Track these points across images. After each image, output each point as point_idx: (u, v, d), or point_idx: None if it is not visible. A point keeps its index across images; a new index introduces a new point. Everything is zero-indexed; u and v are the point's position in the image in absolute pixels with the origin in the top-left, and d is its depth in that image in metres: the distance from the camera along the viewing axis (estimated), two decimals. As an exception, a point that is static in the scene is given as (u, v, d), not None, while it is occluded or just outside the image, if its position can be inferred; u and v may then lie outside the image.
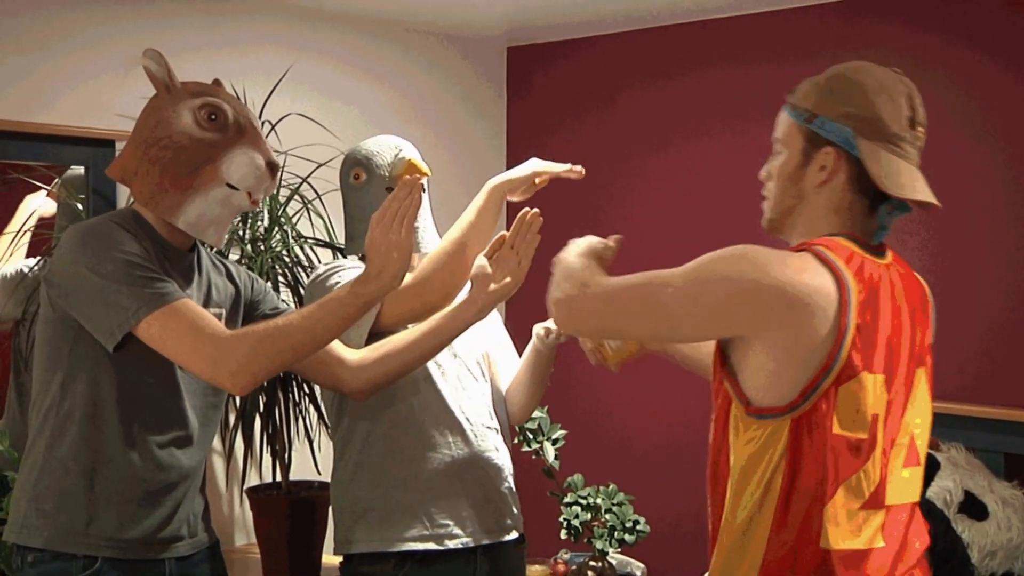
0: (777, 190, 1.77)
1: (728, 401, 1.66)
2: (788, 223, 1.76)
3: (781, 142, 1.77)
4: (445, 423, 2.23)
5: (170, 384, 1.91)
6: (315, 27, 3.50)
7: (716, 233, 3.54)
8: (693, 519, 3.61)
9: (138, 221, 1.90)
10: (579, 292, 1.86)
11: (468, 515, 2.24)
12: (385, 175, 2.22)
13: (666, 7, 3.44)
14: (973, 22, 3.05)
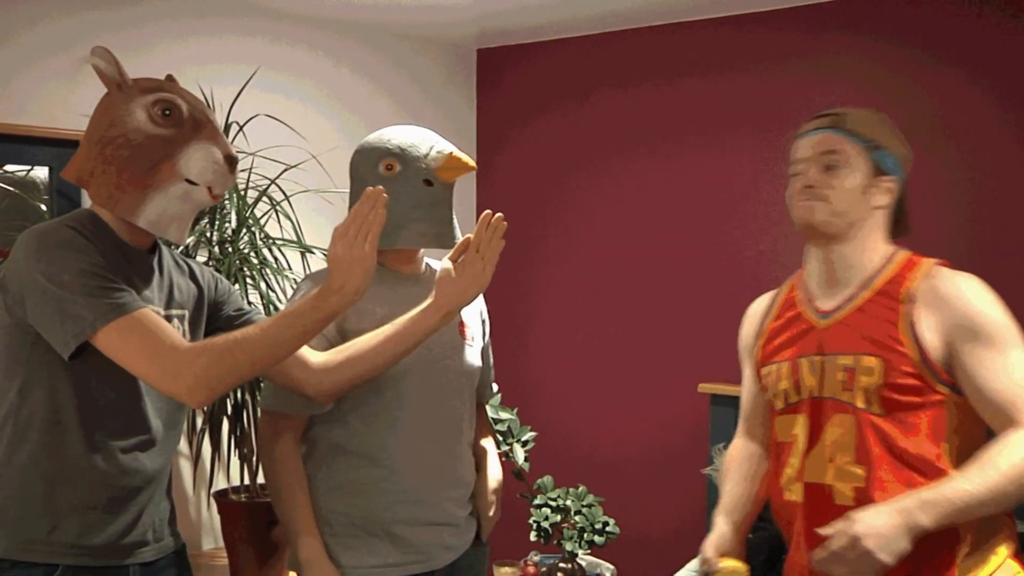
0: (845, 201, 1.90)
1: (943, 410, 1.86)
2: (846, 232, 1.92)
3: (840, 159, 1.92)
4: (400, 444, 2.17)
5: (131, 388, 1.87)
6: (283, 29, 3.50)
7: (681, 232, 3.60)
8: (662, 521, 3.66)
9: (96, 223, 1.86)
10: None
11: (426, 539, 2.21)
12: (423, 167, 2.15)
13: (633, 11, 3.47)
14: (932, 29, 3.10)
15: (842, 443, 1.87)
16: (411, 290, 2.18)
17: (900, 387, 1.82)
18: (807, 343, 1.97)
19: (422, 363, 2.17)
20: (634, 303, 3.76)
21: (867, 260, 1.93)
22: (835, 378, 1.90)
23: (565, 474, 3.81)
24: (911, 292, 1.86)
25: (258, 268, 2.94)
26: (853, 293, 1.93)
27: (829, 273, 1.97)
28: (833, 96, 3.29)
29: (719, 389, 3.47)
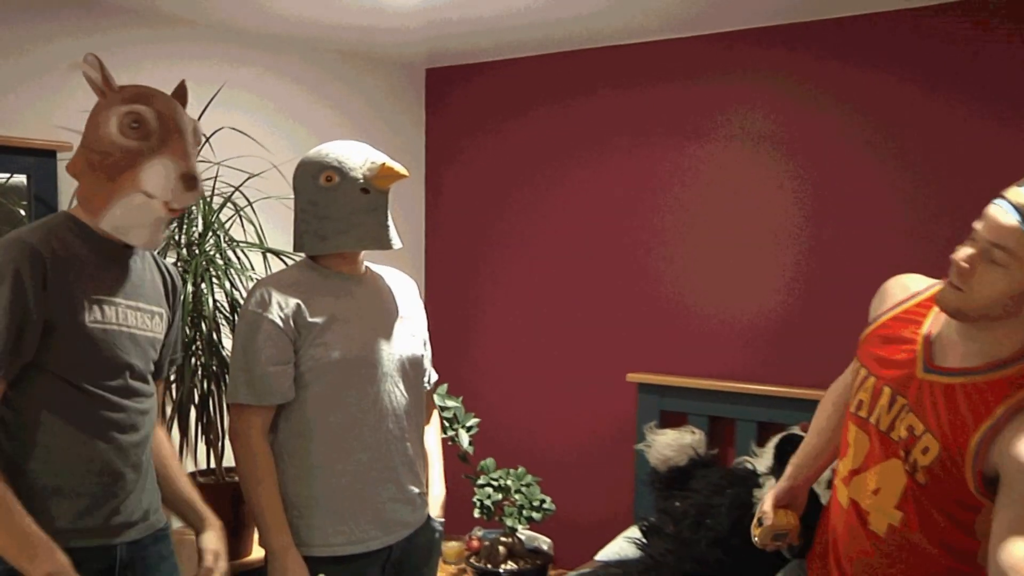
0: (985, 300, 1.63)
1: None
2: (983, 318, 1.66)
3: (1008, 253, 1.60)
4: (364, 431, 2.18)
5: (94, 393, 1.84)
6: (246, 51, 3.48)
7: (608, 236, 3.64)
8: (594, 498, 3.69)
9: (74, 224, 1.85)
10: None
11: (385, 517, 2.21)
12: (359, 177, 2.15)
13: (565, 37, 3.48)
14: (860, 45, 3.12)
15: (888, 485, 1.78)
16: (354, 289, 2.21)
17: (944, 480, 1.69)
18: (901, 380, 1.79)
19: (375, 353, 2.19)
20: (569, 301, 3.78)
21: (1007, 343, 1.67)
22: (901, 431, 1.75)
23: (506, 456, 3.91)
24: (1010, 409, 1.62)
25: (223, 269, 2.92)
26: (973, 368, 1.69)
27: (962, 335, 1.73)
28: (738, 104, 3.35)
29: (645, 378, 3.49)
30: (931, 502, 1.72)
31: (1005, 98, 2.85)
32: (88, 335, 1.81)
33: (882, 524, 1.79)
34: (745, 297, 3.37)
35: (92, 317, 1.81)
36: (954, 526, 1.72)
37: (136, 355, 1.91)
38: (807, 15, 3.14)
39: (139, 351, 1.92)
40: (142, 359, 1.93)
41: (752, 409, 3.27)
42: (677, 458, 3.13)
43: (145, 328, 1.94)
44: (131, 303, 1.90)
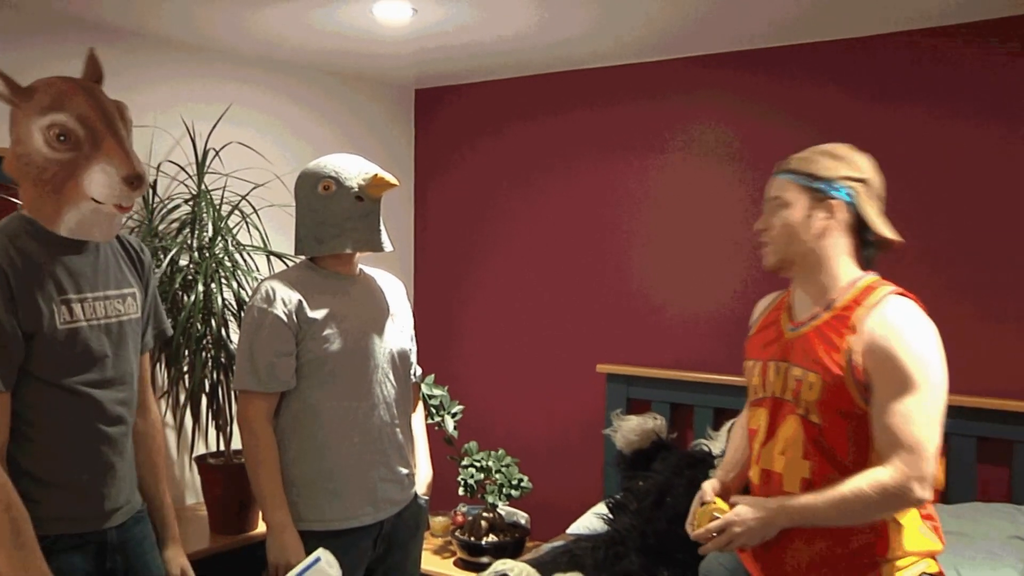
0: (785, 238, 1.83)
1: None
2: (804, 260, 1.82)
3: (782, 200, 1.82)
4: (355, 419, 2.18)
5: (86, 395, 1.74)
6: (252, 73, 3.46)
7: (580, 239, 3.67)
8: (567, 477, 3.73)
9: (30, 227, 1.69)
10: None
11: (378, 495, 2.20)
12: (354, 186, 2.15)
13: (542, 61, 3.50)
14: (809, 67, 3.15)
15: (792, 440, 1.81)
16: (349, 288, 2.23)
17: (833, 404, 1.75)
18: (777, 349, 1.88)
19: (369, 347, 2.20)
20: (543, 299, 3.77)
21: (830, 282, 1.82)
22: (790, 385, 1.82)
23: (487, 440, 3.88)
24: (855, 321, 1.75)
25: (231, 270, 2.94)
26: (817, 312, 1.82)
27: (802, 292, 1.88)
28: (695, 121, 3.37)
29: (613, 369, 3.49)
30: (830, 438, 1.77)
31: (944, 110, 2.91)
32: (60, 337, 1.68)
33: (795, 481, 1.80)
34: (702, 295, 3.39)
35: (62, 319, 1.68)
36: (858, 456, 1.75)
37: (112, 345, 1.79)
38: (760, 43, 3.19)
39: (115, 339, 1.80)
40: (120, 346, 1.81)
41: (709, 397, 3.28)
42: (641, 442, 3.13)
43: (118, 314, 1.81)
44: (98, 294, 1.77)
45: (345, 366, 2.16)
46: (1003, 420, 2.74)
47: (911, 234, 2.88)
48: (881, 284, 1.80)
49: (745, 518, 1.76)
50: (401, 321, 2.32)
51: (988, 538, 2.46)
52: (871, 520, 1.74)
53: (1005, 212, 2.84)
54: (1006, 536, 2.48)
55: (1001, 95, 2.83)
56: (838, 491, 1.70)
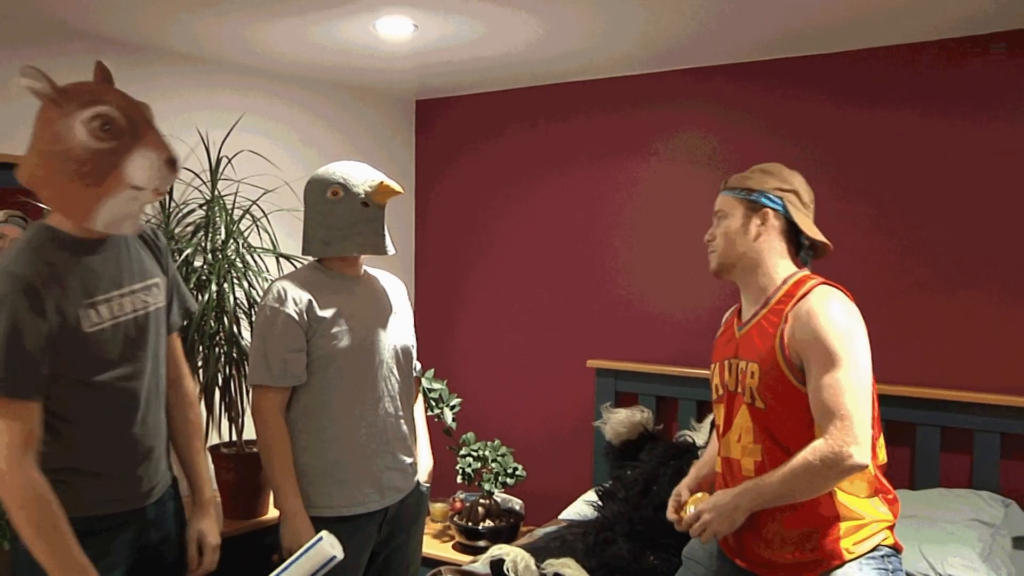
0: (725, 245, 1.93)
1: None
2: (743, 264, 1.92)
3: (724, 212, 1.93)
4: (362, 411, 2.19)
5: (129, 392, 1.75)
6: (263, 84, 3.48)
7: (572, 240, 3.69)
8: (558, 465, 3.73)
9: (54, 236, 1.68)
10: None
11: (383, 483, 2.21)
12: (360, 192, 2.16)
13: (534, 74, 3.51)
14: (788, 80, 3.17)
15: (744, 428, 1.88)
16: (355, 289, 2.23)
17: (771, 388, 1.82)
18: (729, 348, 1.97)
19: (375, 344, 2.20)
20: (537, 298, 3.77)
21: (767, 282, 1.90)
22: (738, 377, 1.90)
23: (484, 431, 3.90)
24: (787, 312, 1.83)
25: (242, 271, 2.95)
26: (757, 310, 1.91)
27: (745, 293, 1.97)
28: (680, 130, 3.38)
29: (602, 364, 3.49)
30: (775, 420, 1.83)
31: (914, 123, 2.95)
32: (90, 340, 1.68)
33: (750, 464, 1.86)
34: (686, 295, 3.40)
35: (90, 322, 1.68)
36: (799, 439, 1.80)
37: (141, 337, 1.78)
38: (744, 57, 3.21)
39: (144, 331, 1.79)
40: (149, 336, 1.80)
41: (692, 390, 3.28)
42: (629, 433, 3.13)
43: (145, 306, 1.80)
44: (124, 290, 1.76)
45: (352, 361, 2.16)
46: (964, 411, 2.78)
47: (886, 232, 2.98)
48: (810, 278, 1.88)
49: (715, 505, 1.81)
50: (403, 319, 2.33)
51: (950, 521, 2.50)
52: (821, 491, 1.77)
53: (975, 210, 2.88)
54: (967, 519, 2.52)
55: (971, 102, 2.86)
56: (787, 466, 1.75)
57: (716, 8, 2.58)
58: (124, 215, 1.69)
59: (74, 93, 1.64)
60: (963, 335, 2.86)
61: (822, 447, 1.72)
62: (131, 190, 1.66)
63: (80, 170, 1.61)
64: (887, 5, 2.54)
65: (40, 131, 1.64)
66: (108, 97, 1.65)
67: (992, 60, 2.81)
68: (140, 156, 1.64)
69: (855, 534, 1.81)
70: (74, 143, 1.61)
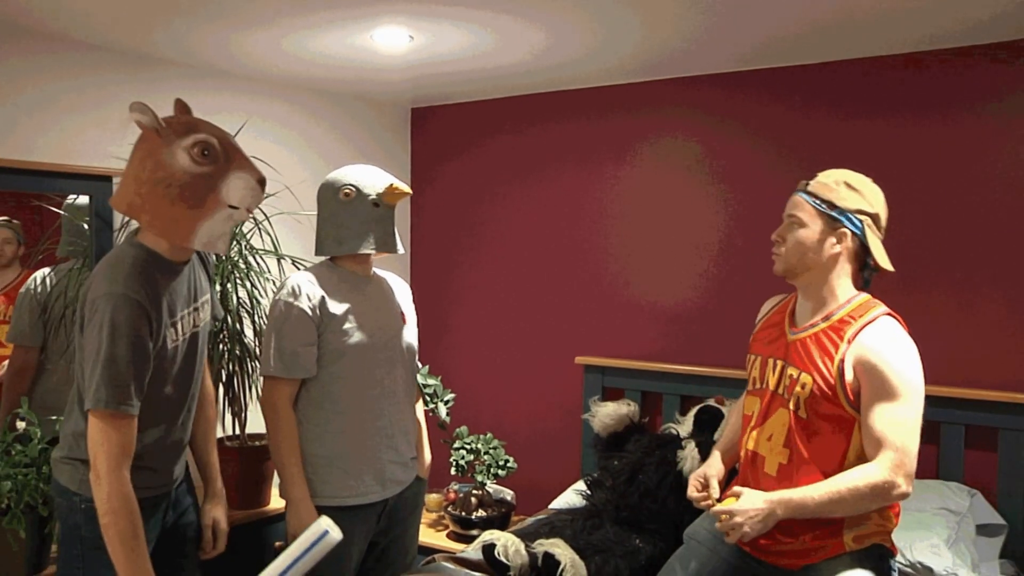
0: (797, 253, 1.89)
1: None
2: (810, 273, 1.89)
3: (800, 220, 1.88)
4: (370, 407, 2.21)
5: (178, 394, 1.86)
6: (266, 91, 3.48)
7: (561, 240, 3.71)
8: (548, 458, 3.75)
9: (152, 258, 1.76)
10: None
11: (385, 475, 2.23)
12: (371, 193, 2.18)
13: (525, 83, 3.52)
14: (771, 88, 3.20)
15: (777, 430, 1.89)
16: (365, 287, 2.25)
17: (821, 403, 1.83)
18: (777, 348, 1.96)
19: (383, 341, 2.22)
20: (528, 296, 3.76)
21: (830, 297, 1.89)
22: (784, 382, 1.90)
23: (477, 424, 3.90)
24: (851, 335, 1.82)
25: (245, 272, 2.96)
26: (816, 322, 1.89)
27: (804, 300, 1.94)
28: (666, 135, 3.39)
29: (590, 360, 3.50)
30: (812, 432, 1.84)
31: (887, 129, 2.98)
32: (167, 356, 1.78)
33: (774, 465, 1.89)
34: (671, 293, 3.42)
35: (171, 340, 1.78)
36: (826, 455, 1.83)
37: (196, 349, 1.88)
38: (726, 68, 3.24)
39: (195, 347, 1.89)
40: (197, 352, 1.90)
41: (676, 385, 3.31)
42: (616, 426, 3.14)
43: (201, 323, 1.91)
44: (187, 310, 1.85)
45: (361, 357, 2.18)
46: (931, 404, 2.79)
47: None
48: (874, 304, 1.89)
49: (747, 511, 1.79)
50: (409, 319, 2.35)
51: (919, 509, 2.55)
52: (862, 512, 1.80)
53: (941, 211, 2.93)
54: (935, 507, 2.57)
55: (940, 108, 2.91)
56: (833, 487, 1.76)
57: (703, 20, 2.61)
58: (220, 234, 1.78)
59: (174, 124, 1.75)
60: (929, 333, 2.91)
61: (873, 475, 1.75)
62: (227, 210, 1.75)
63: (183, 193, 1.70)
64: (860, 19, 2.60)
65: (141, 160, 1.73)
66: (202, 126, 1.75)
67: (963, 69, 2.87)
68: (235, 178, 1.75)
69: (856, 530, 1.85)
70: (177, 168, 1.70)
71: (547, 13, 2.53)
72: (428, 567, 2.38)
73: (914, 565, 2.36)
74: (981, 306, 2.84)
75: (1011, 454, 2.71)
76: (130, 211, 1.74)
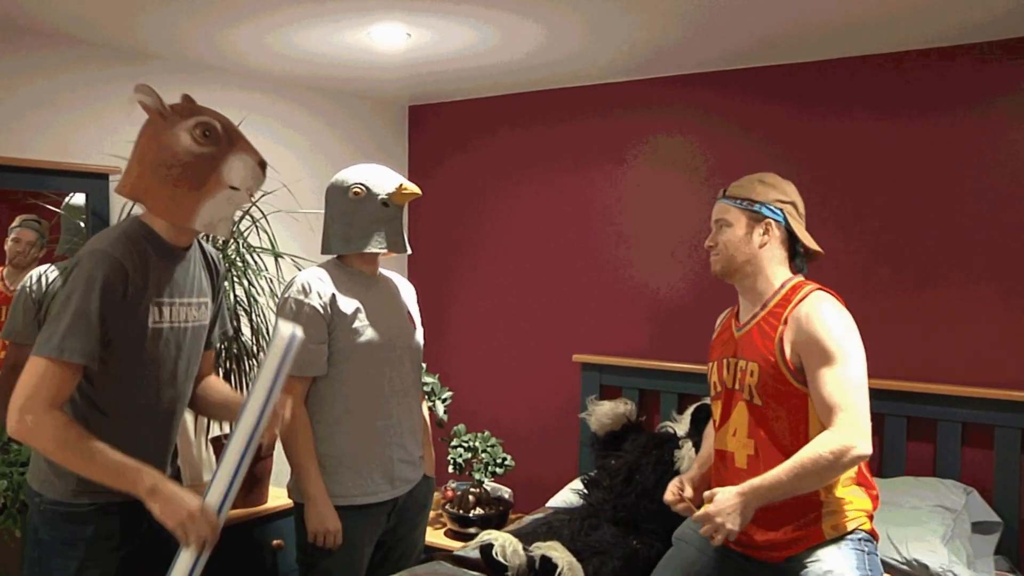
0: (729, 252, 1.99)
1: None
2: (744, 269, 1.99)
3: (727, 221, 1.99)
4: (380, 406, 2.20)
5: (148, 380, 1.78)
6: (265, 88, 3.49)
7: (559, 238, 3.70)
8: (545, 455, 3.74)
9: (148, 232, 1.77)
10: None
11: (395, 474, 2.22)
12: (381, 193, 2.18)
13: (522, 81, 3.53)
14: (763, 87, 3.19)
15: (740, 423, 1.95)
16: (372, 287, 2.25)
17: (770, 386, 1.89)
18: (728, 348, 2.04)
19: (391, 340, 2.21)
20: (525, 295, 3.77)
21: (766, 287, 1.98)
22: (736, 376, 1.97)
23: (475, 423, 3.90)
24: (786, 316, 1.90)
25: (242, 270, 2.95)
26: (756, 312, 1.98)
27: (744, 297, 2.04)
28: (659, 134, 3.40)
29: (587, 359, 3.51)
30: (771, 416, 1.89)
31: (879, 128, 2.99)
32: (148, 335, 1.76)
33: (743, 457, 1.93)
34: (668, 292, 3.42)
35: (153, 319, 1.76)
36: (789, 436, 1.87)
37: (186, 346, 1.86)
38: (720, 66, 3.24)
39: (189, 342, 1.87)
40: (188, 348, 1.87)
41: (673, 383, 3.31)
42: (613, 424, 3.14)
43: (193, 320, 1.89)
44: (184, 300, 1.85)
45: (370, 356, 2.17)
46: (928, 402, 2.83)
47: (856, 232, 3.04)
48: (806, 284, 1.97)
49: (722, 508, 1.81)
50: (415, 318, 2.36)
51: (915, 507, 2.56)
52: (828, 481, 1.83)
53: (934, 212, 2.93)
54: (931, 505, 2.58)
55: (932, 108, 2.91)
56: (797, 461, 1.79)
57: (697, 17, 2.62)
58: (221, 216, 1.77)
59: (177, 108, 1.77)
60: (927, 331, 2.91)
61: (830, 439, 1.78)
62: (228, 191, 1.75)
63: (184, 174, 1.71)
64: (854, 19, 2.60)
65: (146, 143, 1.74)
66: (204, 110, 1.77)
67: (960, 67, 2.87)
68: (236, 159, 1.75)
69: (835, 517, 1.89)
70: (179, 149, 1.71)
71: (544, 9, 2.53)
72: (427, 565, 2.38)
73: (910, 562, 2.36)
74: (976, 304, 2.84)
75: (1007, 452, 2.71)
76: (134, 194, 1.75)
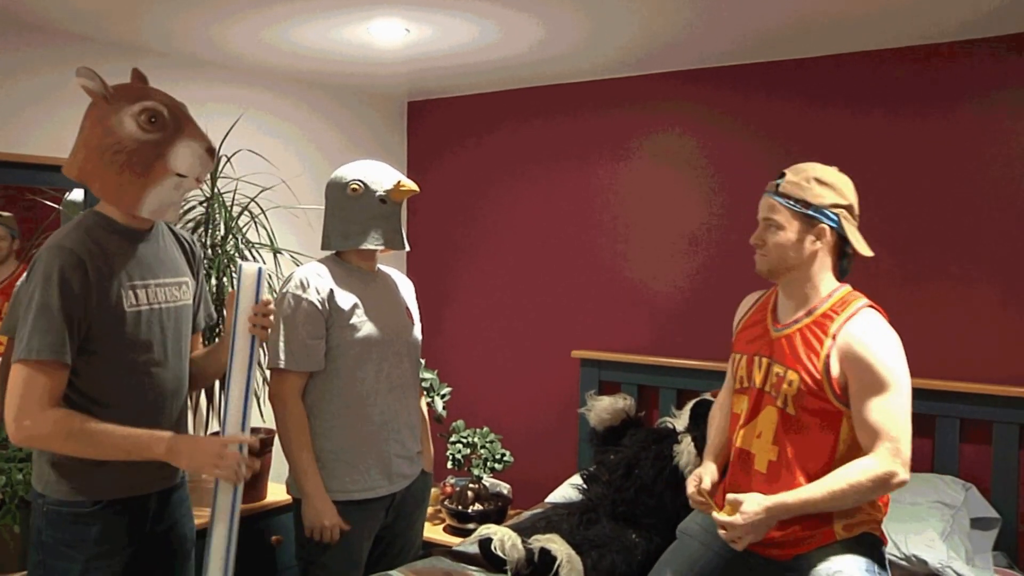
0: (778, 255, 1.90)
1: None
2: (791, 271, 1.91)
3: (777, 223, 1.89)
4: (378, 401, 2.20)
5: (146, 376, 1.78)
6: (263, 83, 3.49)
7: (558, 234, 3.72)
8: (544, 451, 3.76)
9: (103, 221, 1.75)
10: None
11: (392, 469, 2.23)
12: (379, 190, 2.18)
13: (521, 77, 3.53)
14: (762, 84, 3.20)
15: (767, 427, 1.91)
16: (371, 283, 2.25)
17: (808, 398, 1.84)
18: (762, 345, 1.96)
19: (389, 336, 2.21)
20: (524, 291, 3.78)
21: (812, 293, 1.90)
22: (771, 379, 1.91)
23: (473, 419, 3.91)
24: (834, 331, 1.84)
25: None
26: (799, 317, 1.91)
27: (786, 297, 1.96)
28: (660, 130, 3.40)
29: (586, 354, 3.52)
30: (801, 428, 1.86)
31: (883, 123, 2.98)
32: (127, 320, 1.74)
33: (764, 462, 1.91)
34: (667, 288, 3.43)
35: (129, 302, 1.74)
36: (815, 450, 1.85)
37: (170, 327, 1.83)
38: (721, 62, 3.24)
39: (172, 323, 1.84)
40: (175, 329, 1.85)
41: (672, 379, 3.31)
42: (612, 420, 3.15)
43: (175, 300, 1.86)
44: (159, 281, 1.82)
45: (368, 352, 2.18)
46: (927, 398, 2.82)
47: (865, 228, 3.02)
48: (855, 297, 1.91)
49: (750, 521, 1.80)
50: (413, 314, 2.36)
51: (915, 503, 2.57)
52: (863, 503, 1.82)
53: (937, 206, 2.93)
54: (930, 501, 2.58)
55: (934, 103, 2.92)
56: (835, 486, 1.77)
57: (697, 13, 2.62)
58: (168, 202, 1.76)
59: (122, 91, 1.73)
60: (926, 326, 2.92)
61: (873, 468, 1.77)
62: (175, 178, 1.73)
63: (129, 160, 1.69)
64: (855, 14, 2.59)
65: (91, 127, 1.71)
66: (153, 94, 1.74)
67: (959, 63, 2.87)
68: (183, 146, 1.72)
69: (846, 519, 1.88)
70: (124, 135, 1.69)
71: (543, 5, 2.53)
72: (425, 561, 2.38)
73: (909, 558, 2.36)
74: (976, 300, 2.85)
75: (1005, 448, 2.72)
76: (81, 177, 1.74)
